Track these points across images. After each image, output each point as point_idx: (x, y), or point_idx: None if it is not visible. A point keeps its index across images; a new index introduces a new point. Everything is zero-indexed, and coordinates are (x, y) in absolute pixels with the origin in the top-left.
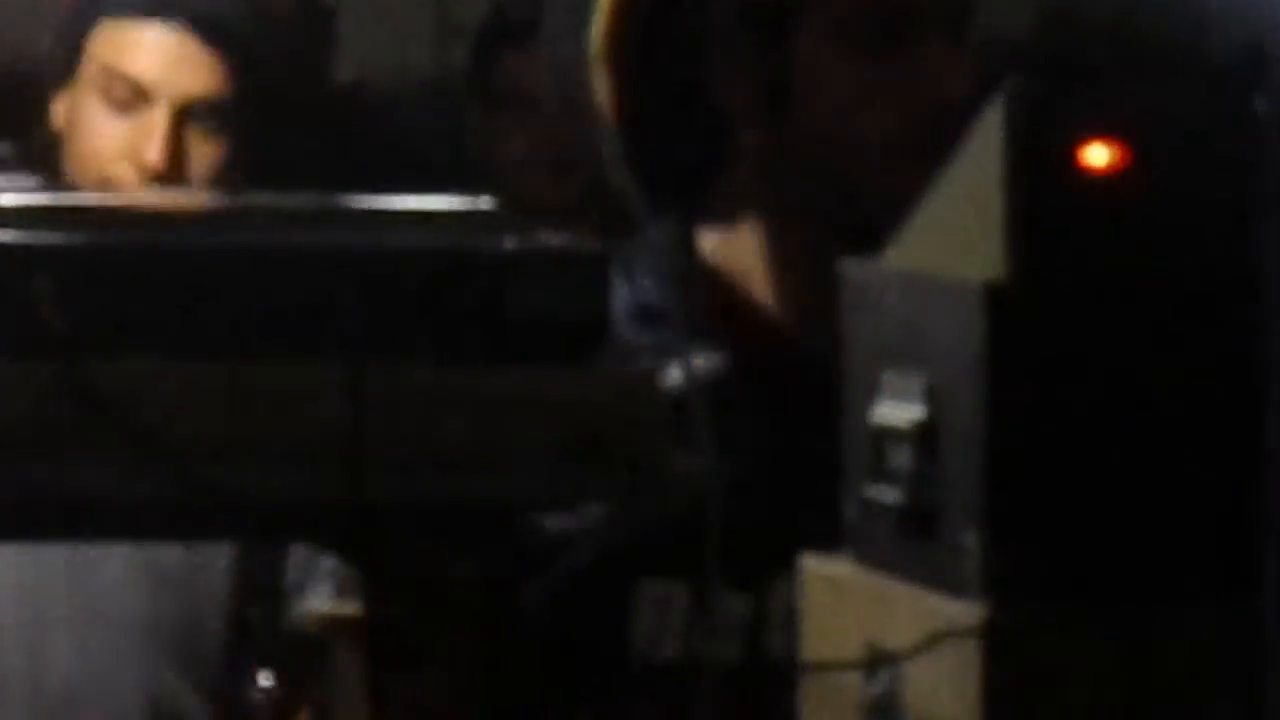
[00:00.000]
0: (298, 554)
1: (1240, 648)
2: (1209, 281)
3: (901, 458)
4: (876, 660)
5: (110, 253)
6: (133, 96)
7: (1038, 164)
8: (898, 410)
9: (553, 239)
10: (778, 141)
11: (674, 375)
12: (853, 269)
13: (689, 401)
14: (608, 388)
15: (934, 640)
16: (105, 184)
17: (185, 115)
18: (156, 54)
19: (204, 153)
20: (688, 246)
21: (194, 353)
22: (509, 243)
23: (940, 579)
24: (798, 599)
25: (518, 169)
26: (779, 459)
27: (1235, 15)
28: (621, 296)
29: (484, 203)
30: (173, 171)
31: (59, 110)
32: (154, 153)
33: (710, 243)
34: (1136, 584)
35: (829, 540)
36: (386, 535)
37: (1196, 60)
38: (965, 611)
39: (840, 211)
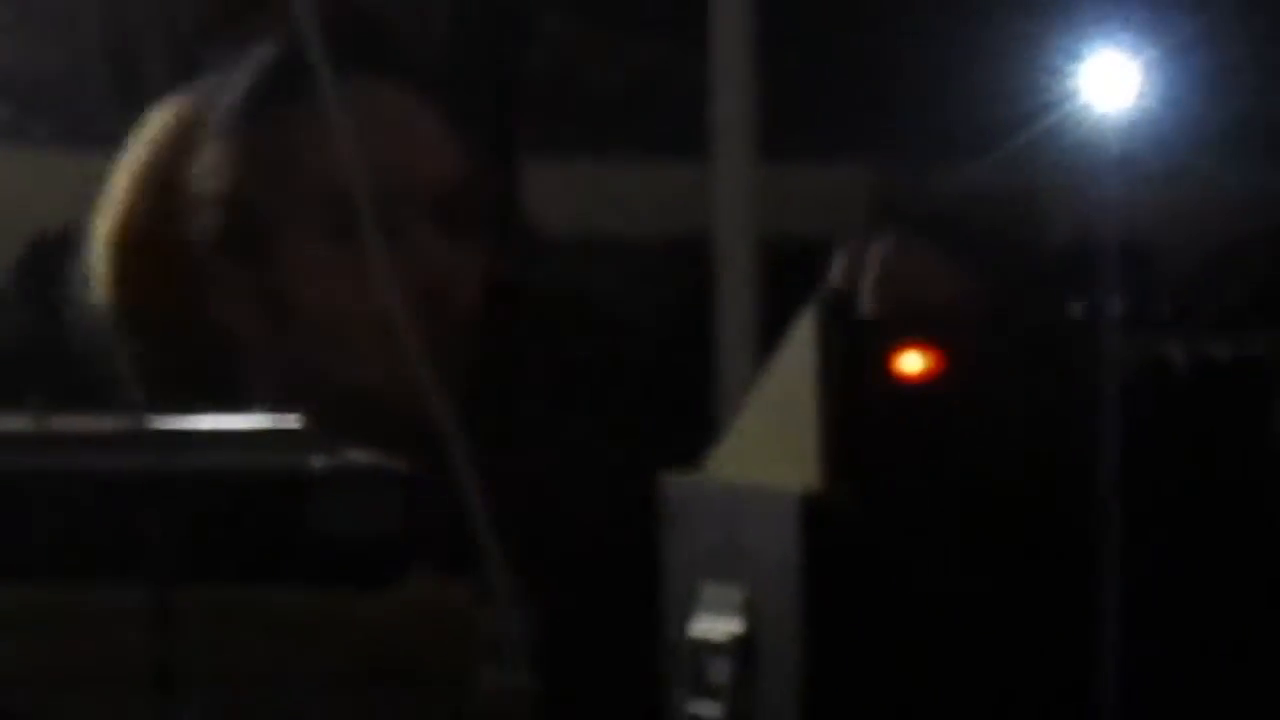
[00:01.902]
0: None
1: None
2: (1033, 486)
3: (720, 672)
4: None
5: None
6: None
7: (851, 371)
8: (716, 624)
9: (359, 458)
10: (283, 352)
11: None
12: (671, 481)
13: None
14: (412, 607)
15: None
16: None
17: None
18: None
19: None
20: None
21: (6, 577)
22: (315, 462)
23: None
24: None
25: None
26: None
27: (1062, 213)
28: None
29: (291, 422)
30: None
31: None
32: None
33: None
34: None
35: None
36: None
37: (1020, 259)
38: None
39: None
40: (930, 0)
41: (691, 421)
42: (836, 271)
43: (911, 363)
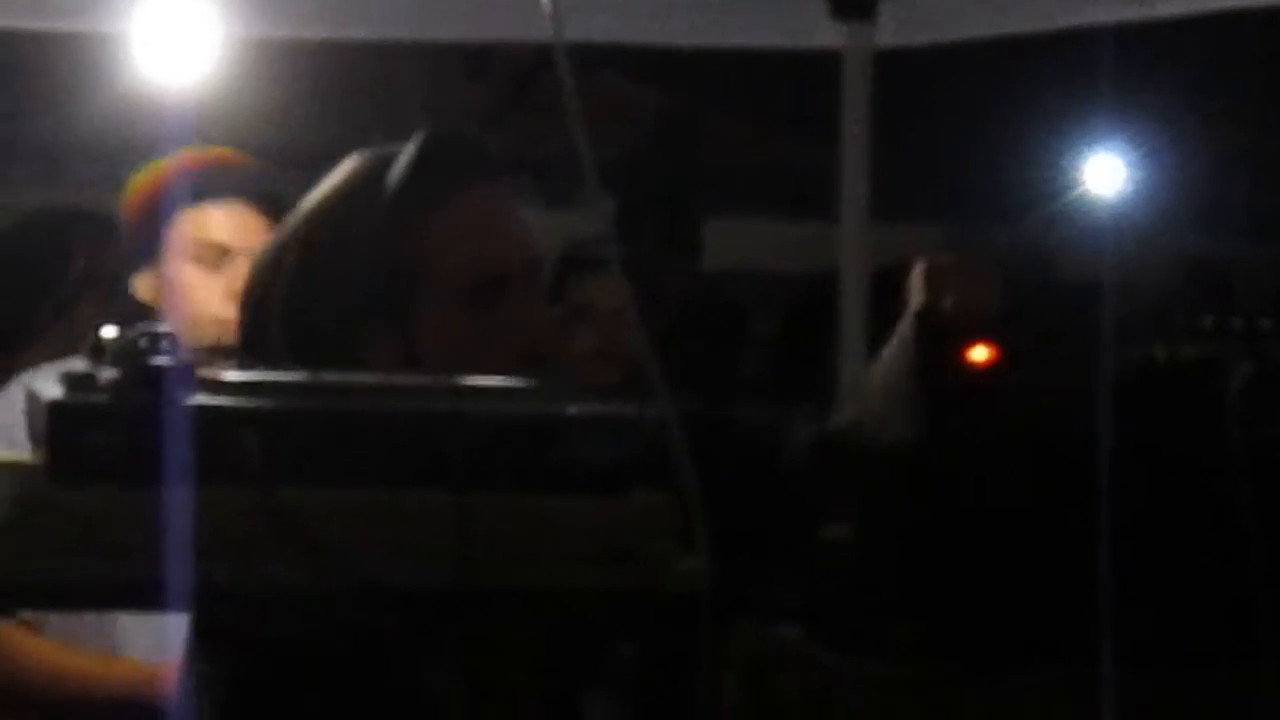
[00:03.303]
0: None
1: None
2: (1056, 437)
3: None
4: None
5: (297, 413)
6: (219, 256)
7: (936, 359)
8: (838, 528)
9: (600, 408)
10: None
11: None
12: (797, 435)
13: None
14: (632, 510)
15: None
16: (215, 326)
17: None
18: (232, 224)
19: None
20: None
21: (354, 484)
22: (570, 409)
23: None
24: None
25: (581, 357)
26: None
27: (1073, 260)
28: None
29: (555, 381)
30: None
31: (143, 286)
32: None
33: None
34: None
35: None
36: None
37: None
38: None
39: None
40: (983, 115)
41: (817, 389)
42: (915, 277)
43: (978, 354)
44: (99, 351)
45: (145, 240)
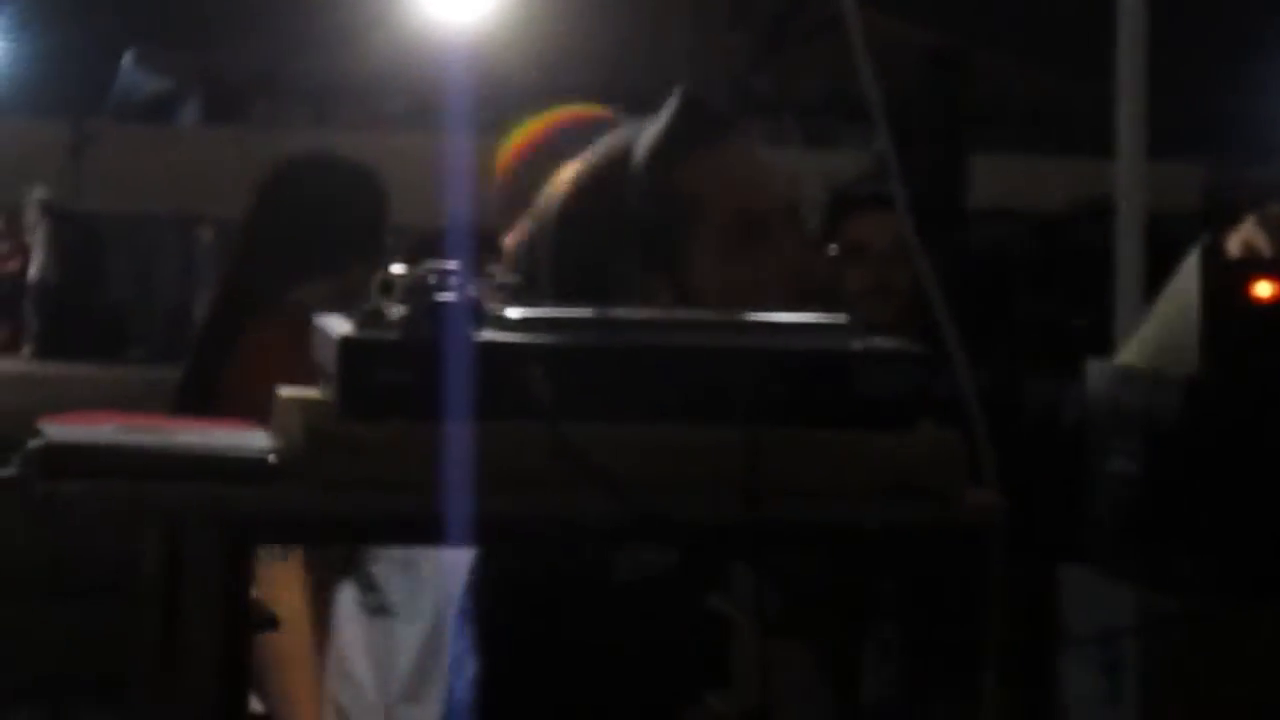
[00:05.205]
0: None
1: None
2: None
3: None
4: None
5: (580, 349)
6: None
7: (1221, 295)
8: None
9: (885, 343)
10: None
11: None
12: (1093, 367)
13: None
14: (921, 445)
15: None
16: None
17: None
18: None
19: None
20: None
21: (640, 419)
22: (856, 345)
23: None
24: None
25: (855, 295)
26: None
27: None
28: None
29: (839, 318)
30: None
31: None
32: None
33: None
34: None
35: None
36: (773, 546)
37: None
38: None
39: None
40: (1250, 51)
41: (1094, 329)
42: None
43: (1262, 290)
44: (388, 288)
45: (516, 197)
